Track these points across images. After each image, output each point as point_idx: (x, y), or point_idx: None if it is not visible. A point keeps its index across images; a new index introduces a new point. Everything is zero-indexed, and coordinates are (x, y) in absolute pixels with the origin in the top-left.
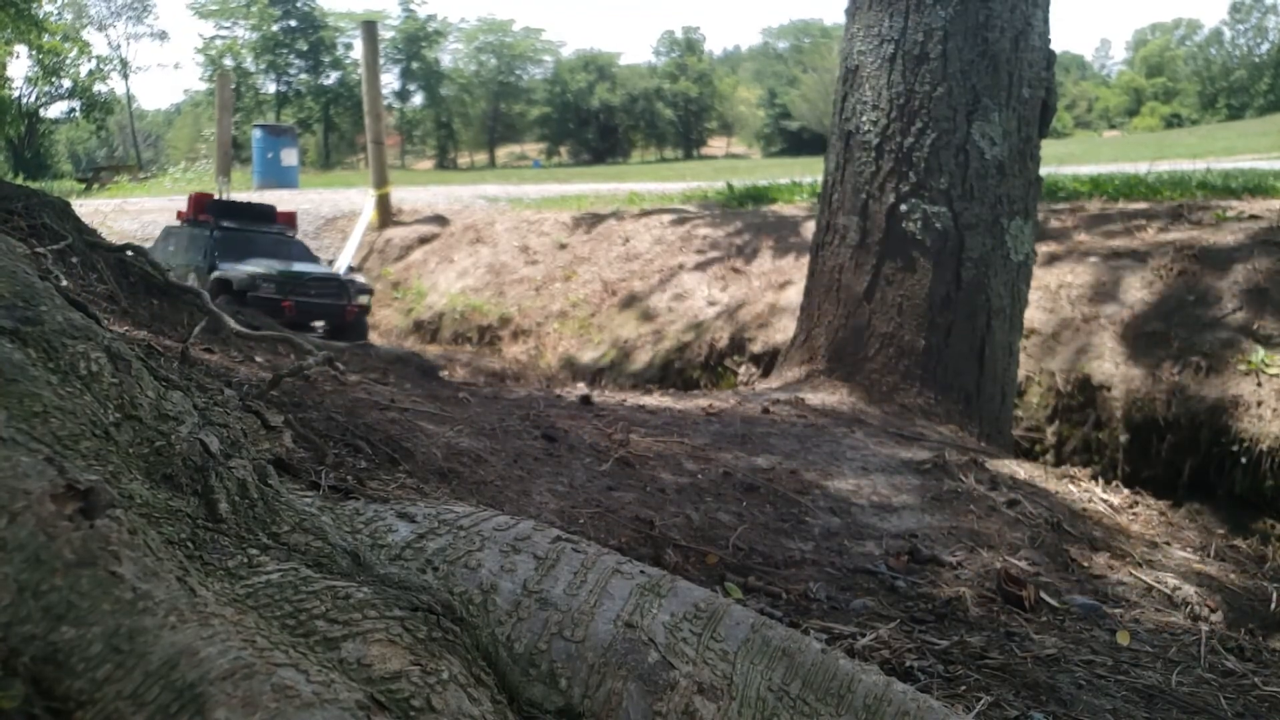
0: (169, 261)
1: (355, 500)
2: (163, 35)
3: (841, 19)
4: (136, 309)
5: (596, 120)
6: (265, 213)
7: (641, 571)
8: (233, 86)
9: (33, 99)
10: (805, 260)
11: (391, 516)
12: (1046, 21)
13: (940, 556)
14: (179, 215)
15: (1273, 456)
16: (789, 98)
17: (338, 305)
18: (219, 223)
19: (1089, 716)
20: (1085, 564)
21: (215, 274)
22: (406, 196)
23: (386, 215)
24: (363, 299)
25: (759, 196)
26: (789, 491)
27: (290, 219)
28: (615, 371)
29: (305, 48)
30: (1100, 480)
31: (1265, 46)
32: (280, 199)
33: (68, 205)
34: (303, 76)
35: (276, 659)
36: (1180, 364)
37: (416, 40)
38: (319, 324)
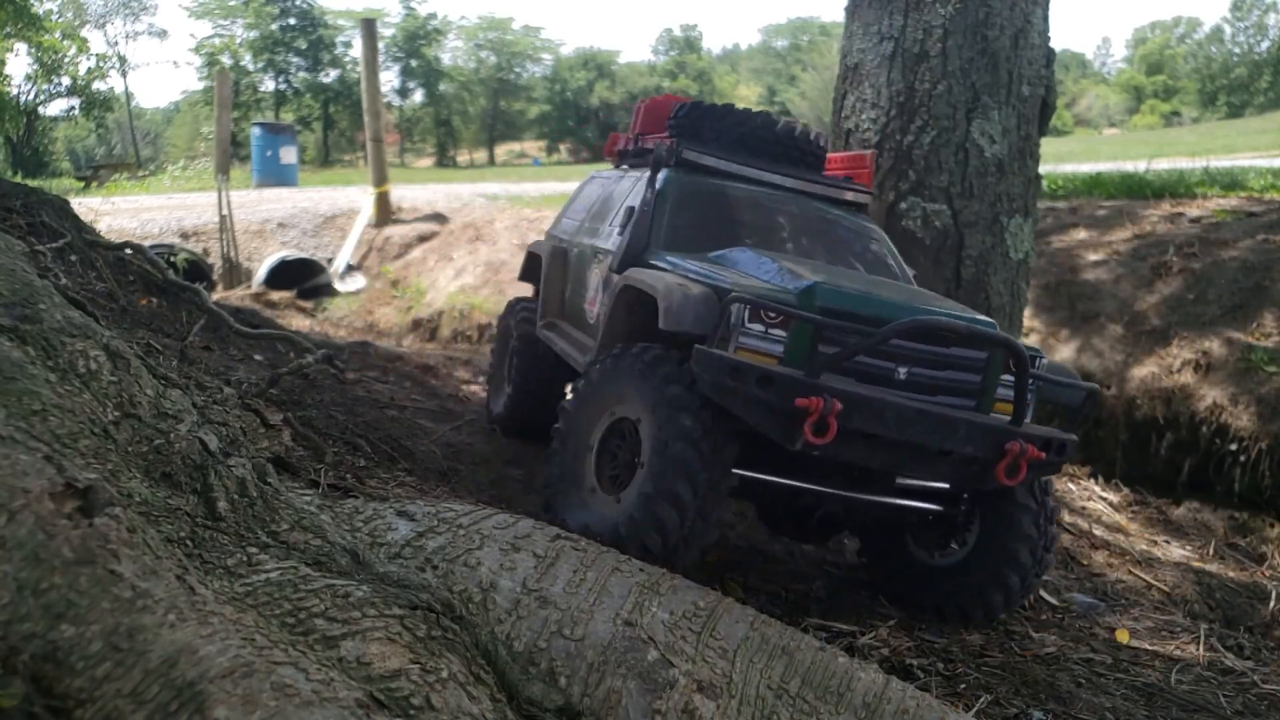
0: (580, 264)
1: (354, 498)
2: (162, 33)
3: (841, 17)
4: (135, 307)
5: (596, 118)
6: (797, 145)
7: (641, 570)
8: (231, 84)
9: (32, 96)
10: None
11: (391, 515)
12: (1046, 19)
13: None
14: (608, 149)
15: (1271, 456)
16: (788, 96)
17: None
18: (681, 152)
19: (1088, 714)
20: (1084, 562)
21: (627, 278)
22: (406, 194)
23: (386, 213)
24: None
25: None
26: None
27: (861, 168)
28: None
29: (304, 46)
30: (1099, 479)
31: (1265, 44)
32: (280, 197)
33: (66, 203)
34: (302, 74)
35: (276, 657)
36: (1180, 363)
37: (416, 38)
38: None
